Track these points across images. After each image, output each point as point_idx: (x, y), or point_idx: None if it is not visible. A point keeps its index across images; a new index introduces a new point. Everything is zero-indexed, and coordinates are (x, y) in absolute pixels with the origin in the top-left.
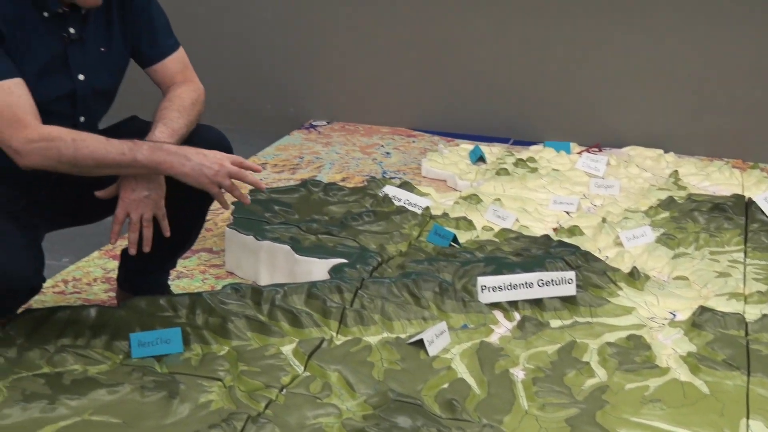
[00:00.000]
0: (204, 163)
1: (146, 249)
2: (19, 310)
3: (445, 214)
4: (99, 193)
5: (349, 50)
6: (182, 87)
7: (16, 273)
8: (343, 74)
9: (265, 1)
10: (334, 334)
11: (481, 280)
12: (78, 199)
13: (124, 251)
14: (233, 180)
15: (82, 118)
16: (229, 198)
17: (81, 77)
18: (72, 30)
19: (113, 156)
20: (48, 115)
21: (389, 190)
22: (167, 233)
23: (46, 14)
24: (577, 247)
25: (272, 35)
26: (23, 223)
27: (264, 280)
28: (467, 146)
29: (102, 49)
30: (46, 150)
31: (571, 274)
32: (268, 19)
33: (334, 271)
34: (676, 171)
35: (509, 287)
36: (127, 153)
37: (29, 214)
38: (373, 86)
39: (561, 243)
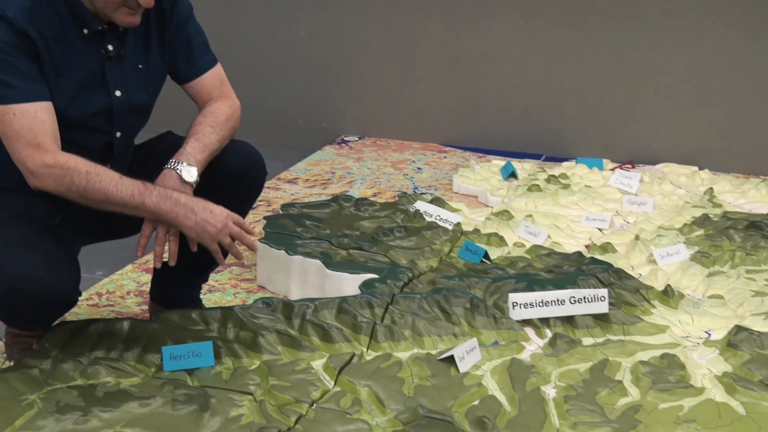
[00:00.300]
0: (208, 220)
1: (171, 263)
2: (54, 323)
3: (476, 230)
4: None
5: (381, 66)
6: (218, 102)
7: (54, 287)
8: (375, 90)
9: (300, 17)
10: (365, 349)
11: (513, 297)
12: (112, 213)
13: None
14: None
15: (118, 134)
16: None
17: (118, 93)
18: (110, 47)
19: (122, 196)
20: (85, 130)
21: (420, 205)
22: (194, 248)
23: (85, 31)
24: (609, 265)
25: (306, 51)
26: (60, 237)
27: (295, 295)
28: (499, 162)
29: (140, 66)
30: (60, 177)
31: (603, 292)
32: (302, 35)
33: (365, 286)
34: (711, 188)
35: (541, 304)
36: (136, 196)
37: (66, 229)
38: (405, 102)
39: (593, 260)
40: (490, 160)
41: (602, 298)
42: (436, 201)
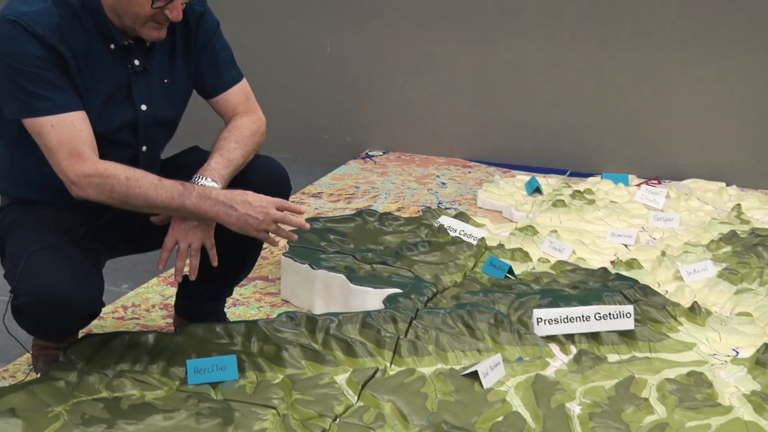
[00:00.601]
0: (249, 213)
1: (192, 277)
2: (80, 335)
3: (500, 246)
4: (154, 219)
5: (406, 81)
6: (243, 118)
7: (77, 297)
8: (399, 105)
9: (325, 32)
10: (388, 364)
11: (537, 313)
12: (139, 227)
13: (183, 279)
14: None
15: (144, 147)
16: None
17: (143, 107)
18: (137, 62)
19: (163, 199)
20: (111, 144)
21: (444, 220)
22: (215, 263)
23: (112, 46)
24: (635, 281)
25: (330, 66)
26: (86, 248)
27: (319, 309)
28: (523, 177)
29: (165, 81)
30: (101, 185)
31: (629, 308)
32: (326, 50)
33: (389, 300)
34: (738, 204)
35: (566, 320)
36: (176, 198)
37: (91, 241)
38: (430, 117)
39: (619, 276)
40: (515, 175)
41: (628, 315)
42: (461, 216)
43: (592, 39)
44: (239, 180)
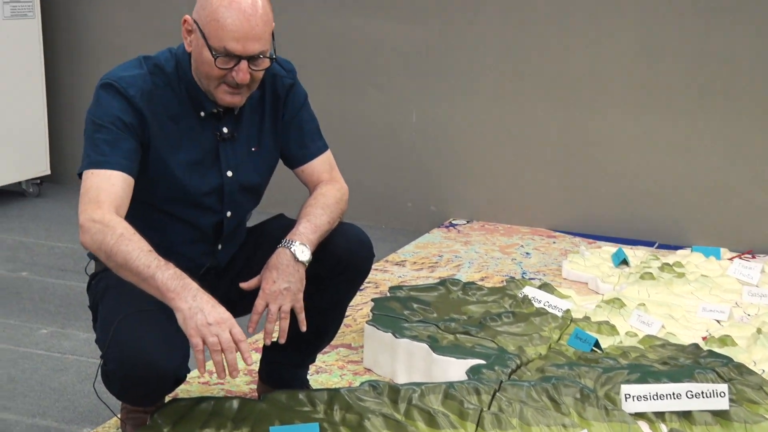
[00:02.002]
0: (203, 309)
1: (281, 341)
2: (167, 399)
3: (586, 318)
4: (243, 285)
5: (490, 150)
6: (328, 186)
7: (163, 364)
8: (483, 174)
9: (411, 103)
10: None
11: (625, 388)
12: (225, 293)
13: (268, 346)
14: (222, 349)
15: (228, 213)
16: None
17: (229, 173)
18: (225, 129)
19: (138, 264)
20: (197, 208)
21: (529, 291)
22: (303, 327)
23: (202, 114)
24: (729, 359)
25: (415, 136)
26: (170, 314)
27: (401, 378)
28: (610, 248)
29: (252, 149)
30: (97, 233)
31: (723, 387)
32: (412, 120)
33: (472, 371)
34: None
35: (655, 397)
36: (152, 268)
37: None
38: (514, 186)
39: (711, 353)
40: (601, 246)
41: (722, 394)
42: (545, 287)
43: (682, 110)
44: (324, 247)
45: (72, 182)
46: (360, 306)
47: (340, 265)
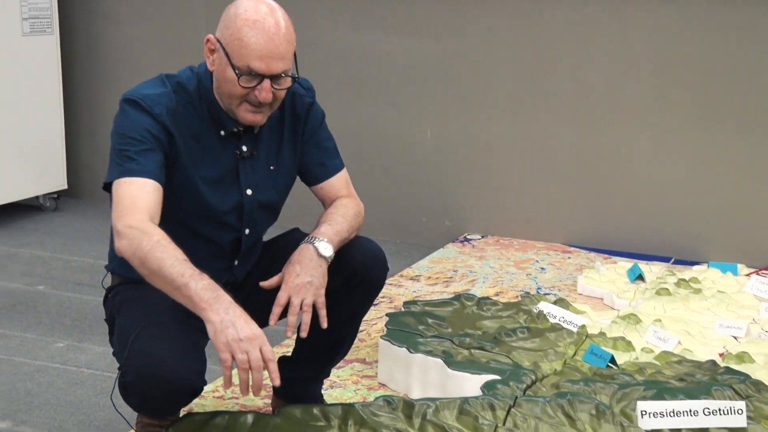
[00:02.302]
0: (235, 323)
1: (303, 334)
2: (182, 413)
3: (602, 334)
4: (264, 283)
5: (504, 165)
6: (346, 199)
7: (181, 376)
8: (498, 189)
9: (425, 119)
10: None
11: (642, 405)
12: (242, 306)
13: (282, 360)
14: (249, 368)
15: (247, 230)
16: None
17: (249, 192)
18: (244, 148)
19: (172, 271)
20: (217, 226)
21: (544, 306)
22: (324, 324)
23: (222, 133)
24: (747, 375)
25: (430, 151)
26: (189, 327)
27: (416, 393)
28: (625, 264)
29: (271, 167)
30: (134, 239)
31: (741, 404)
32: (426, 136)
33: (487, 387)
34: None
35: (672, 414)
36: (185, 276)
37: (196, 321)
38: (529, 201)
39: (728, 370)
40: (616, 262)
41: (740, 411)
42: (560, 302)
43: (697, 125)
44: (339, 260)
45: (89, 196)
46: (374, 321)
47: (355, 278)
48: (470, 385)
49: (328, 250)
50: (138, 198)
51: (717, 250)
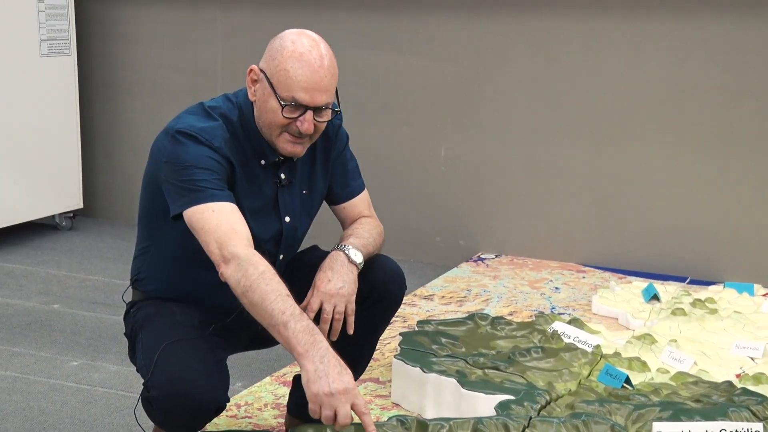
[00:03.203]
0: (329, 373)
1: (333, 338)
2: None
3: (616, 354)
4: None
5: (518, 185)
6: (369, 218)
7: (207, 392)
8: (512, 208)
9: (439, 139)
10: None
11: (657, 426)
12: (261, 327)
13: (296, 378)
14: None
15: (281, 256)
16: None
17: (287, 219)
18: (283, 175)
19: (273, 307)
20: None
21: (558, 326)
22: (351, 330)
23: (263, 162)
24: (764, 397)
25: (444, 171)
26: (214, 344)
27: (429, 413)
28: (640, 284)
29: (304, 192)
30: (239, 267)
31: (758, 426)
32: (440, 156)
33: (501, 407)
34: None
35: None
36: (286, 315)
37: (218, 339)
38: (543, 221)
39: (745, 391)
40: (631, 282)
41: None
42: (575, 322)
43: (713, 145)
44: (359, 275)
45: (104, 216)
46: (388, 340)
47: (373, 295)
48: (484, 405)
49: (358, 256)
50: (235, 223)
51: (733, 270)
